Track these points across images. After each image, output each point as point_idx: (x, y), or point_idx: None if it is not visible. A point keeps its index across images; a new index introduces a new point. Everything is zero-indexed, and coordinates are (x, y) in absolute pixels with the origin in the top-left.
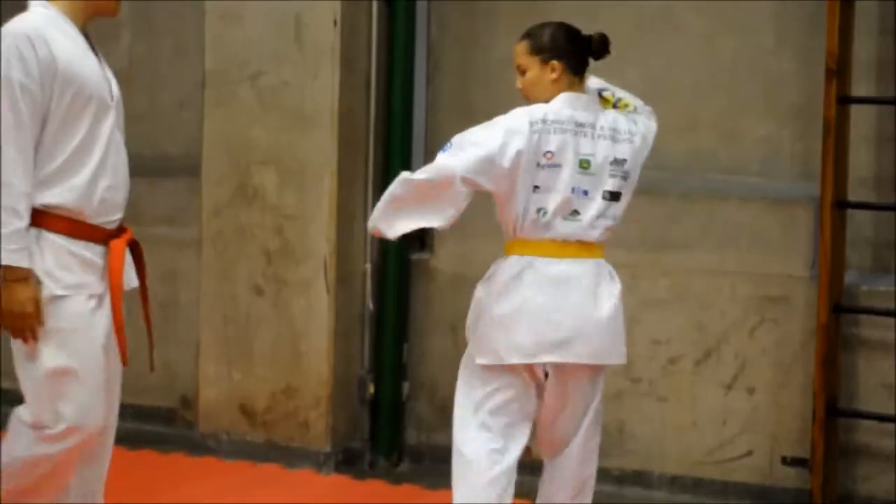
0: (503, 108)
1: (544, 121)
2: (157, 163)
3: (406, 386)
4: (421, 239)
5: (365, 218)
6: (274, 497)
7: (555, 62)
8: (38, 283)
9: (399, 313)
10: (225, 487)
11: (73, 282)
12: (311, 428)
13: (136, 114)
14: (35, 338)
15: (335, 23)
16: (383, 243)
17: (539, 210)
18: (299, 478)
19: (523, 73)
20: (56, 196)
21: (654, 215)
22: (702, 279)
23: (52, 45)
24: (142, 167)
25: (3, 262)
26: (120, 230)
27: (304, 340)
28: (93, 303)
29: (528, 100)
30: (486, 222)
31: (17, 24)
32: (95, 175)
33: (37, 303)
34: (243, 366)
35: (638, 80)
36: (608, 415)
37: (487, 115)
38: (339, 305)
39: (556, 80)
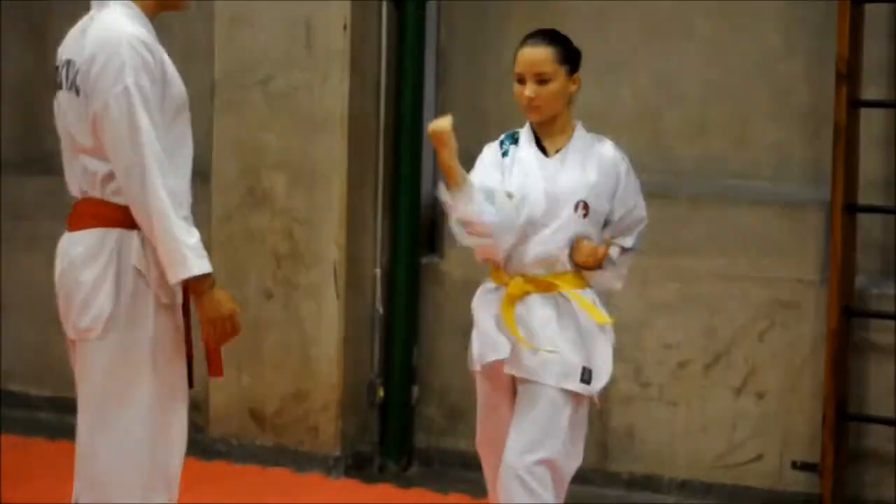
0: (514, 113)
1: None
2: None
3: (416, 390)
4: (431, 242)
5: (375, 222)
6: (284, 501)
7: (576, 75)
8: None
9: (409, 317)
10: (235, 492)
11: (173, 292)
12: (321, 432)
13: None
14: (238, 331)
15: (345, 27)
16: (393, 247)
17: None
18: (309, 482)
19: (543, 82)
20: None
21: (663, 219)
22: (712, 283)
23: (157, 49)
24: None
25: (201, 273)
26: None
27: (313, 345)
28: None
29: (537, 112)
30: None
31: (121, 27)
32: (188, 173)
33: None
34: (253, 370)
35: (648, 84)
36: (618, 419)
37: (498, 120)
38: (349, 309)
39: (573, 95)
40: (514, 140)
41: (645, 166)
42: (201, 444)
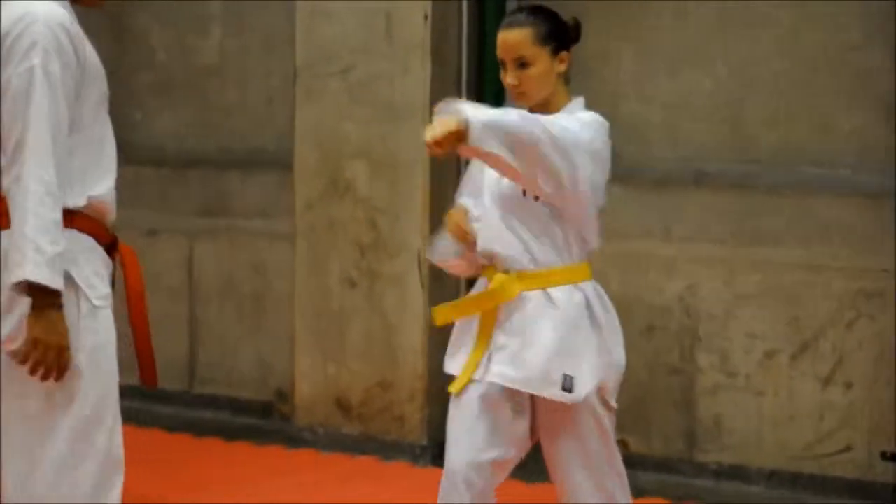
0: (592, 102)
1: None
2: (249, 156)
3: None
4: None
5: None
6: (370, 490)
7: (564, 53)
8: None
9: None
10: (321, 480)
11: (105, 292)
12: (407, 421)
13: (226, 108)
14: (61, 376)
15: (426, 17)
16: None
17: None
18: (395, 470)
19: (524, 66)
20: (95, 191)
21: (744, 209)
22: (794, 274)
23: (77, 35)
24: (233, 161)
25: (55, 287)
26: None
27: (398, 334)
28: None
29: (524, 97)
30: None
31: (39, 6)
32: (114, 171)
33: (67, 334)
34: (338, 359)
35: (725, 73)
36: (705, 409)
37: None
38: (432, 299)
39: (560, 74)
40: None
41: (724, 156)
42: (287, 433)
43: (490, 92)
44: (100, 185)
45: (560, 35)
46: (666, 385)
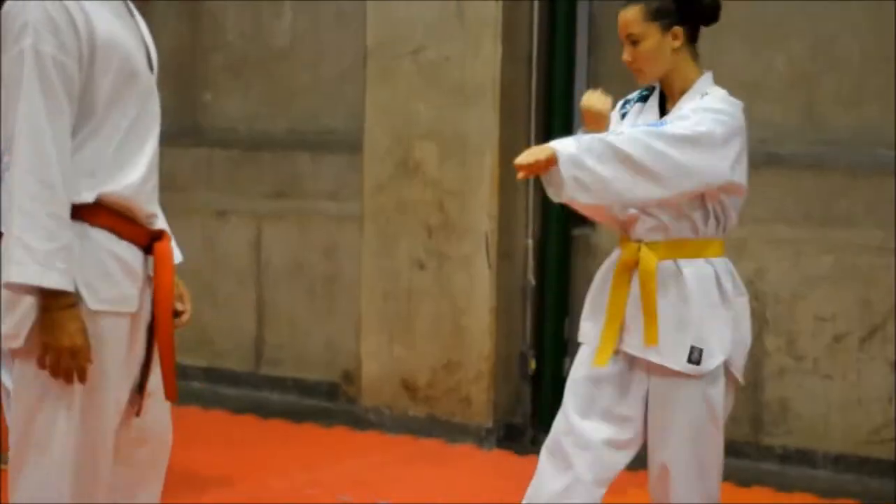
0: None
1: None
2: (319, 137)
3: (568, 362)
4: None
5: (526, 192)
6: (436, 472)
7: (677, 28)
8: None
9: (560, 289)
10: (387, 461)
11: (112, 295)
12: (473, 403)
13: (298, 89)
14: (83, 378)
15: None
16: (544, 218)
17: None
18: (461, 452)
19: (635, 42)
20: (109, 185)
21: (817, 190)
22: (867, 256)
23: (90, 10)
24: (304, 142)
25: (50, 286)
26: (161, 231)
27: (465, 315)
28: (128, 325)
29: (640, 74)
30: None
31: None
32: (151, 163)
33: (86, 333)
34: (405, 340)
35: (804, 50)
36: (772, 392)
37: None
38: (500, 281)
39: (678, 50)
40: (643, 98)
41: (799, 136)
42: (354, 415)
43: (559, 72)
44: (118, 179)
45: (673, 10)
46: None
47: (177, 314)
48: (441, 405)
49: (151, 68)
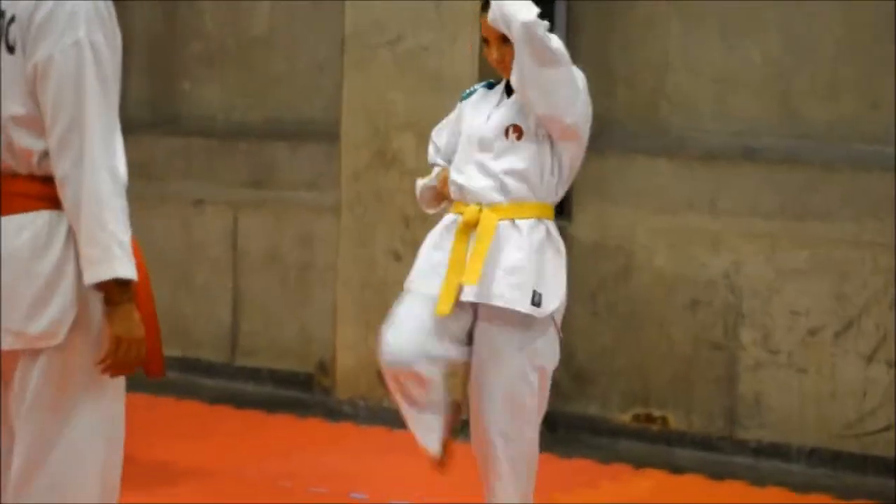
0: (643, 67)
1: None
2: (296, 127)
3: None
4: (560, 206)
5: None
6: (411, 463)
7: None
8: None
9: None
10: (361, 453)
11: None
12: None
13: (275, 78)
14: (134, 369)
15: None
16: None
17: None
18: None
19: (506, 41)
20: (123, 169)
21: (792, 184)
22: (842, 250)
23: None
24: (281, 131)
25: (125, 277)
26: None
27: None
28: None
29: (507, 72)
30: (625, 189)
31: None
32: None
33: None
34: (380, 331)
35: (779, 45)
36: (746, 385)
37: (626, 74)
38: None
39: None
40: (490, 85)
41: (774, 130)
42: (328, 406)
43: None
44: (123, 163)
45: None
46: (708, 361)
47: None
48: None
49: None
